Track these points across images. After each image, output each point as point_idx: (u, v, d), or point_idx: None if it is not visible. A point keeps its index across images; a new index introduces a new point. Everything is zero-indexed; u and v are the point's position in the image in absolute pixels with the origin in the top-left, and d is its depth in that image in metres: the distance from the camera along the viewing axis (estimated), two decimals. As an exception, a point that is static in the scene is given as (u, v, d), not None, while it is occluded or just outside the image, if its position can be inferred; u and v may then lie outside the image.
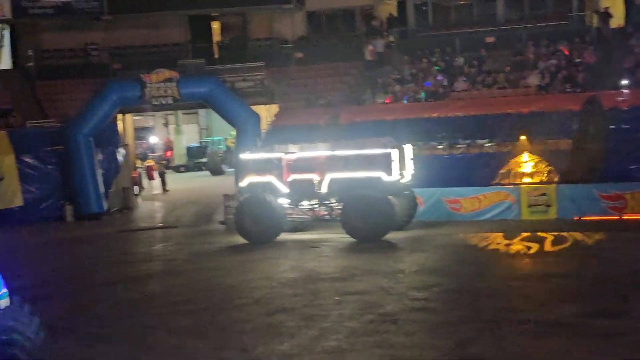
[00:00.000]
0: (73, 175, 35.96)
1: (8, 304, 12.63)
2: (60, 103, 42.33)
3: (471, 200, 29.36)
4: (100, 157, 36.95)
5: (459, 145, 32.53)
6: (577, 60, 36.84)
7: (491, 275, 20.39)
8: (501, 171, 30.29)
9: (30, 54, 44.79)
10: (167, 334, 16.25)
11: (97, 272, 23.84)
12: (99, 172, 36.51)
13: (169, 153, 63.04)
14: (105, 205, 36.54)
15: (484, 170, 30.65)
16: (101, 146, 37.04)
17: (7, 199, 35.67)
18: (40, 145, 36.65)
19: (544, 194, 28.67)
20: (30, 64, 44.62)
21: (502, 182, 29.93)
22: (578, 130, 32.03)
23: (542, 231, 25.71)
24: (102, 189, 36.44)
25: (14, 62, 46.93)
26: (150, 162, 50.94)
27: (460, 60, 39.21)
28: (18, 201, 35.80)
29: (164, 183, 46.60)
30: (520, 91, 35.94)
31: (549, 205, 28.58)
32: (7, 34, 47.41)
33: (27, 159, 36.17)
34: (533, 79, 36.02)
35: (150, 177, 48.73)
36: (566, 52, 37.50)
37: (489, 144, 32.21)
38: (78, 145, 35.88)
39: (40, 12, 44.32)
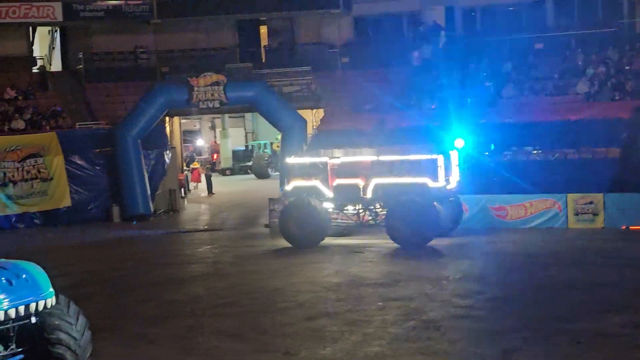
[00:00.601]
0: (120, 177, 36.34)
1: (54, 303, 12.78)
2: (109, 105, 42.78)
3: (517, 207, 29.12)
4: (147, 159, 37.28)
5: (505, 152, 32.29)
6: (627, 67, 36.40)
7: (536, 283, 20.18)
8: None
9: (80, 56, 45.33)
10: (210, 335, 16.33)
11: (142, 272, 24.04)
12: (146, 174, 36.85)
13: (215, 156, 63.37)
14: (151, 207, 36.86)
15: (531, 178, 30.38)
16: (149, 148, 37.38)
17: (55, 199, 36.13)
18: (88, 146, 37.07)
19: (591, 202, 28.33)
20: (80, 66, 45.14)
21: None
22: (627, 138, 31.66)
23: (588, 240, 25.45)
24: (148, 190, 36.74)
25: (65, 64, 47.53)
26: (196, 165, 51.25)
27: (508, 67, 38.93)
28: (66, 202, 36.23)
29: (209, 186, 46.82)
30: (568, 98, 35.60)
31: (596, 214, 28.24)
32: (58, 36, 48.02)
33: (75, 160, 36.60)
34: (582, 86, 35.66)
35: (196, 180, 48.99)
36: (615, 59, 37.07)
37: (536, 151, 31.94)
38: (126, 147, 36.26)
39: (90, 15, 44.83)
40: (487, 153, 32.36)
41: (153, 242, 30.44)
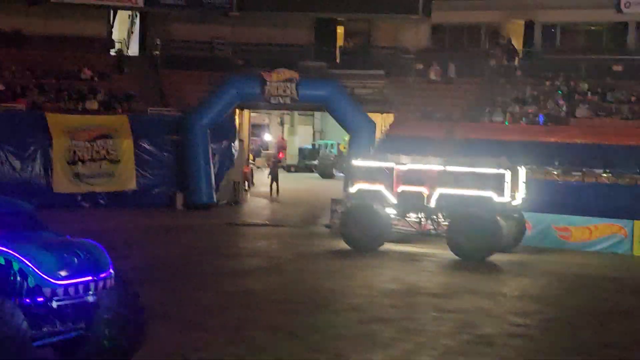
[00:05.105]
0: (187, 165, 36.64)
1: (113, 285, 12.93)
2: (182, 93, 43.11)
3: (582, 229, 28.65)
4: (215, 149, 37.57)
5: (574, 173, 31.83)
6: None
7: (595, 308, 19.85)
8: None
9: (157, 42, 45.83)
10: (263, 330, 16.36)
11: (201, 262, 24.22)
12: (212, 164, 37.12)
13: (281, 154, 63.24)
14: (215, 197, 37.10)
15: (598, 201, 29.88)
16: (217, 139, 37.64)
17: (122, 182, 36.54)
18: (158, 131, 37.41)
19: (658, 230, 27.75)
20: (157, 52, 45.63)
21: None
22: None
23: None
24: (213, 180, 37.00)
25: (141, 49, 48.13)
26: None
27: (584, 87, 38.38)
28: (132, 185, 36.64)
29: (273, 184, 45.84)
30: (643, 124, 34.95)
31: (662, 243, 27.66)
32: (137, 21, 48.65)
33: (144, 144, 36.99)
34: (658, 112, 35.02)
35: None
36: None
37: (606, 174, 31.42)
38: (195, 136, 36.55)
39: (171, 2, 45.35)
40: (555, 172, 31.96)
41: (215, 232, 30.62)
